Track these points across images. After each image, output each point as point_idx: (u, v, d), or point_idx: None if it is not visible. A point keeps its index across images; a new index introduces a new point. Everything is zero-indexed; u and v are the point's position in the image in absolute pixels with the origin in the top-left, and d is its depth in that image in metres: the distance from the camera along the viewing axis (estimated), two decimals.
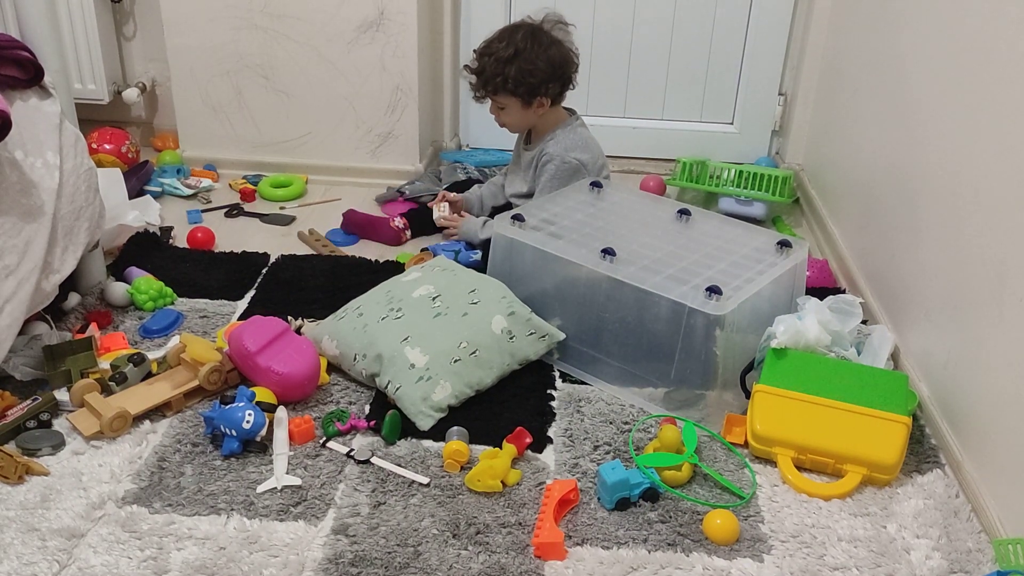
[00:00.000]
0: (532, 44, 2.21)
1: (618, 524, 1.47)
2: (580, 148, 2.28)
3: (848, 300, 1.88)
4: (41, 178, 1.77)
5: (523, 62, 2.19)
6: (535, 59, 2.19)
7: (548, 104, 2.27)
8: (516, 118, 2.30)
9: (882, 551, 1.44)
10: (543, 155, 2.29)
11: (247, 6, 2.63)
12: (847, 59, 2.47)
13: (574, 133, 2.30)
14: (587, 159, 2.28)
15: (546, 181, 2.26)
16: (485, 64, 2.23)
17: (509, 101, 2.26)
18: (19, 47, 1.80)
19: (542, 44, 2.21)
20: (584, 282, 1.85)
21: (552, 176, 2.25)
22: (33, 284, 1.71)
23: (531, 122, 2.32)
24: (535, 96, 2.23)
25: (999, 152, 1.55)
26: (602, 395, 1.80)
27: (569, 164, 2.25)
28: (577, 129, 2.32)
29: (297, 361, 1.72)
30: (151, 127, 3.07)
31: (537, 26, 2.24)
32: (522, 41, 2.21)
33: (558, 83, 2.24)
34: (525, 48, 2.20)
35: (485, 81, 2.25)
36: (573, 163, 2.25)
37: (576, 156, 2.26)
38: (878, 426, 1.60)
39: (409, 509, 1.49)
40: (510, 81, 2.21)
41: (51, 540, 1.40)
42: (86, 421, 1.64)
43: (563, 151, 2.26)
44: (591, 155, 2.30)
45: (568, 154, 2.26)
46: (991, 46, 1.61)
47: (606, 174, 2.33)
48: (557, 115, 2.33)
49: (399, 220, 2.47)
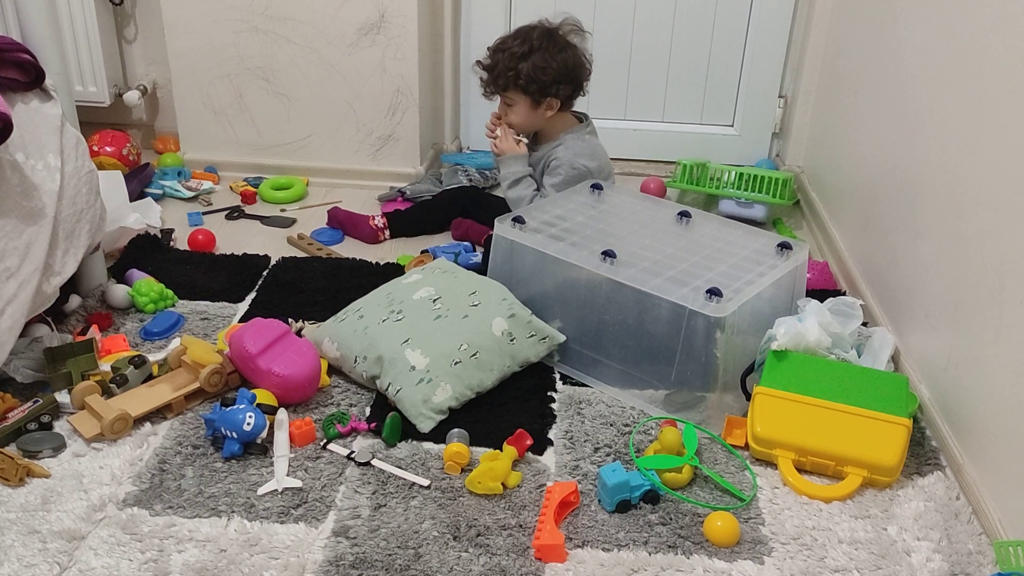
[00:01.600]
0: (547, 44, 2.21)
1: (619, 526, 1.47)
2: (588, 156, 2.27)
3: (848, 302, 1.88)
4: (42, 180, 1.77)
5: (537, 60, 2.20)
6: (549, 59, 2.20)
7: (557, 106, 2.26)
8: (523, 117, 2.29)
9: (883, 553, 1.44)
10: (552, 159, 2.29)
11: (248, 9, 2.63)
12: (847, 61, 2.47)
13: (583, 140, 2.30)
14: (594, 167, 2.28)
15: (552, 185, 2.26)
16: (498, 60, 2.24)
17: (519, 99, 2.26)
18: (20, 49, 1.80)
19: (557, 45, 2.22)
20: (584, 284, 1.85)
21: (562, 181, 2.25)
22: (34, 286, 1.71)
23: (538, 124, 2.32)
24: (545, 96, 2.23)
25: (999, 153, 1.55)
26: (602, 397, 1.80)
27: (577, 171, 2.25)
28: (586, 137, 2.32)
29: (298, 363, 1.72)
30: (152, 129, 3.08)
31: (554, 28, 2.25)
32: (538, 40, 2.22)
33: (569, 86, 2.24)
34: (540, 47, 2.21)
35: (496, 76, 2.25)
36: (582, 169, 2.25)
37: (584, 163, 2.26)
38: (879, 428, 1.60)
39: (410, 511, 1.49)
40: (522, 78, 2.21)
41: (52, 542, 1.40)
42: (87, 423, 1.64)
43: (572, 157, 2.26)
44: (599, 164, 2.30)
45: (577, 160, 2.25)
46: (991, 48, 1.61)
47: (612, 182, 2.33)
48: (565, 121, 2.33)
49: (379, 219, 2.47)
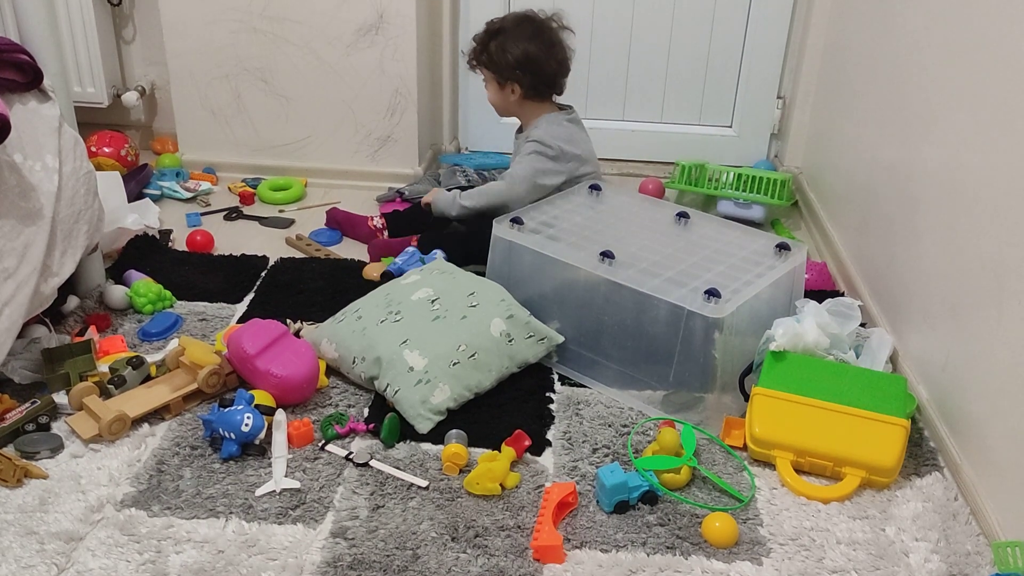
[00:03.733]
0: (517, 29, 2.24)
1: (617, 527, 1.47)
2: (565, 140, 2.27)
3: (847, 303, 1.88)
4: (40, 181, 1.77)
5: (502, 40, 2.23)
6: (512, 44, 2.22)
7: (519, 92, 2.27)
8: (494, 96, 2.33)
9: (881, 554, 1.44)
10: (528, 141, 2.29)
11: (246, 9, 2.63)
12: (846, 62, 2.47)
13: (560, 125, 2.29)
14: (572, 152, 2.26)
15: (521, 157, 2.26)
16: (479, 34, 2.30)
17: (488, 75, 2.30)
18: (18, 50, 1.80)
19: (526, 33, 2.23)
20: (583, 285, 1.85)
21: (529, 153, 2.25)
22: (32, 287, 1.71)
23: (508, 107, 2.33)
24: (506, 79, 2.26)
25: (997, 154, 1.55)
26: (601, 398, 1.80)
27: (549, 147, 2.24)
28: (564, 123, 2.30)
29: (296, 364, 1.72)
30: (150, 130, 3.07)
31: (533, 15, 2.27)
32: (511, 23, 2.26)
33: (529, 75, 2.24)
34: (509, 29, 2.24)
35: (472, 49, 2.31)
36: (554, 147, 2.24)
37: (559, 144, 2.25)
38: (877, 429, 1.60)
39: (408, 512, 1.49)
40: (485, 54, 2.26)
41: (49, 543, 1.40)
42: (85, 424, 1.64)
43: (545, 135, 2.26)
44: (578, 151, 2.28)
45: (548, 138, 2.25)
46: (990, 50, 1.61)
47: (594, 175, 2.31)
48: (544, 108, 2.32)
49: (377, 219, 2.47)
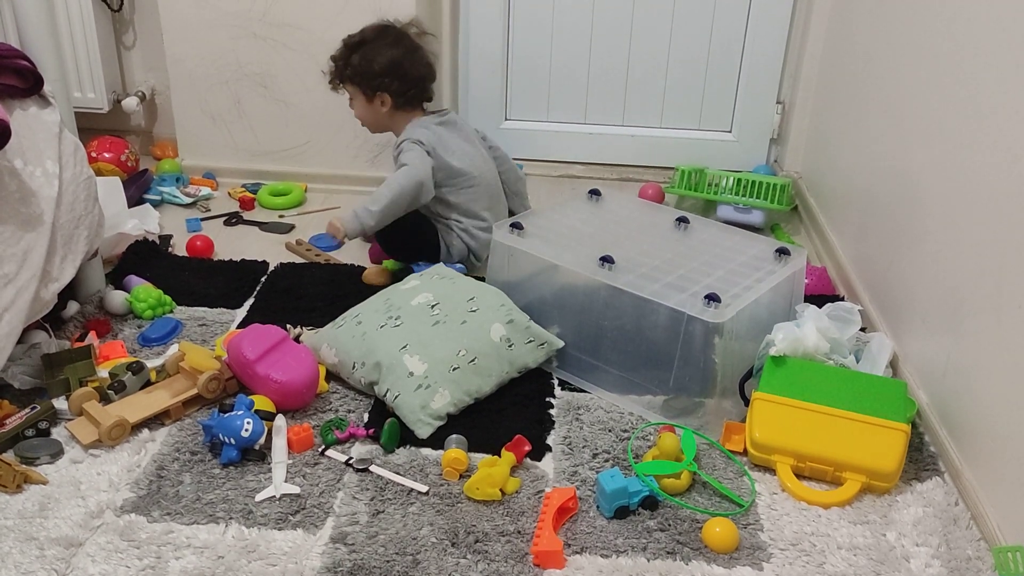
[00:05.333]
0: (378, 38, 2.22)
1: (617, 532, 1.47)
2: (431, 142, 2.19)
3: (847, 307, 1.88)
4: (40, 187, 1.77)
5: (365, 51, 2.21)
6: (376, 53, 2.20)
7: (389, 102, 2.24)
8: (362, 112, 2.29)
9: (881, 559, 1.44)
10: (397, 148, 2.22)
11: (246, 15, 2.63)
12: (845, 67, 2.47)
13: (426, 128, 2.22)
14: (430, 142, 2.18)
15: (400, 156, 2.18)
16: (338, 52, 2.26)
17: (354, 92, 2.27)
18: (18, 56, 1.80)
19: (388, 41, 2.22)
20: (583, 290, 1.85)
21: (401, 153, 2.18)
22: (32, 293, 1.71)
23: (379, 120, 2.29)
24: (375, 90, 2.22)
25: (996, 160, 1.55)
26: (601, 403, 1.80)
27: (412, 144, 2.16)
28: (432, 126, 2.23)
29: (296, 369, 1.72)
30: (150, 136, 3.08)
31: (391, 25, 2.25)
32: (371, 33, 2.23)
33: (397, 81, 2.21)
34: (371, 40, 2.22)
35: (334, 67, 2.27)
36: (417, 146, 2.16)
37: (419, 138, 2.18)
38: (877, 434, 1.60)
39: (408, 517, 1.49)
40: (349, 68, 2.23)
41: (49, 549, 1.40)
42: (84, 430, 1.64)
43: (409, 134, 2.20)
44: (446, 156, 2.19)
45: (410, 136, 2.19)
46: (988, 55, 1.62)
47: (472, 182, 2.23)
48: (414, 117, 2.28)
49: None
